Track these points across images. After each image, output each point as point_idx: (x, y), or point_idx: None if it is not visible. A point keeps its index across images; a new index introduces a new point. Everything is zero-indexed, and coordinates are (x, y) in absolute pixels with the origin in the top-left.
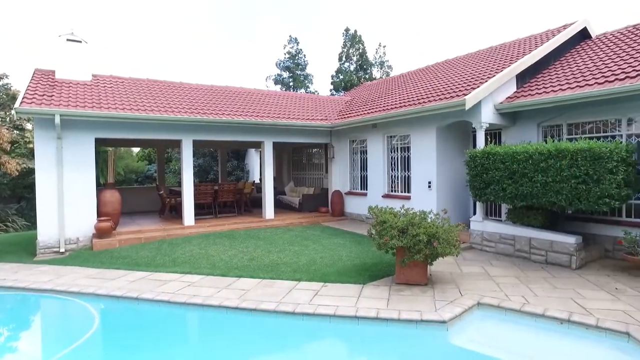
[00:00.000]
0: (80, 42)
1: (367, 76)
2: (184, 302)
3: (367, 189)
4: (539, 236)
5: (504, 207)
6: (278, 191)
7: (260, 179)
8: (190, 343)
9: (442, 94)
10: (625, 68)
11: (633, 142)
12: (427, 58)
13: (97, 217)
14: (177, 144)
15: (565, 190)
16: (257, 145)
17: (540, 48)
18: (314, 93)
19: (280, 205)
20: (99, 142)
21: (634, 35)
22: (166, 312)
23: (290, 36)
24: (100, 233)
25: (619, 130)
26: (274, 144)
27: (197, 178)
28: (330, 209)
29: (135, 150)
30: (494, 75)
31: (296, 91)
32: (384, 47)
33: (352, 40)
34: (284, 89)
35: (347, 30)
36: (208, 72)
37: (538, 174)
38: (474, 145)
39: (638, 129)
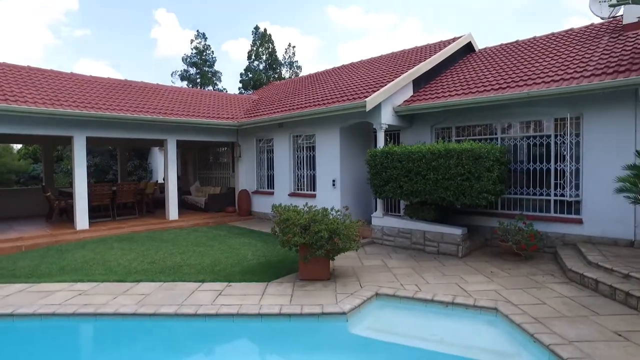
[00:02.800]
0: None
1: (276, 76)
2: (72, 313)
3: (274, 188)
4: (432, 229)
5: (402, 203)
6: (183, 191)
7: (164, 179)
8: (80, 357)
9: (346, 95)
10: (499, 80)
11: (506, 144)
12: (335, 60)
13: None
14: (68, 140)
15: (453, 187)
16: (160, 143)
17: (434, 57)
18: (222, 91)
19: (186, 206)
20: None
21: (506, 53)
22: (52, 326)
23: (197, 31)
24: None
25: (495, 134)
26: (179, 142)
27: (93, 178)
28: (238, 209)
29: (18, 146)
30: (393, 80)
31: (204, 88)
32: (294, 47)
33: (262, 39)
34: (191, 85)
35: (256, 28)
36: (105, 64)
37: (430, 172)
38: (375, 145)
39: (509, 132)
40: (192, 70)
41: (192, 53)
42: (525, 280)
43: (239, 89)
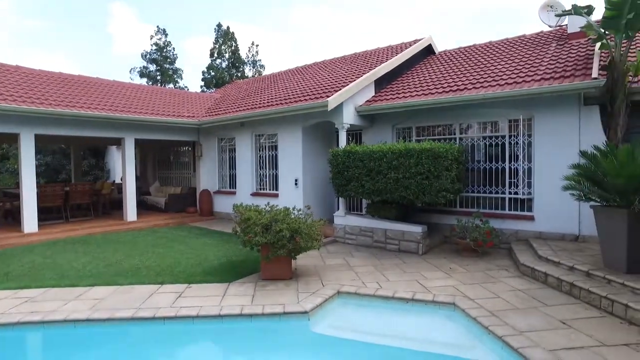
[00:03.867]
0: None
1: (239, 74)
2: (17, 322)
3: (236, 188)
4: (393, 227)
5: (365, 202)
6: (142, 192)
7: (122, 179)
8: None
9: (308, 94)
10: (457, 82)
11: (463, 144)
12: (298, 59)
13: None
14: (15, 138)
15: (413, 186)
16: (118, 142)
17: (395, 58)
18: (183, 89)
19: (145, 207)
20: None
21: (464, 56)
22: None
23: (157, 27)
24: None
25: (454, 134)
26: (137, 141)
27: (44, 178)
28: (199, 209)
29: None
30: (355, 80)
31: (164, 86)
32: (257, 46)
33: (225, 36)
34: (151, 82)
35: (219, 26)
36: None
37: (391, 171)
38: (337, 145)
39: (467, 133)
40: (152, 67)
41: (152, 49)
42: (481, 276)
43: (201, 87)
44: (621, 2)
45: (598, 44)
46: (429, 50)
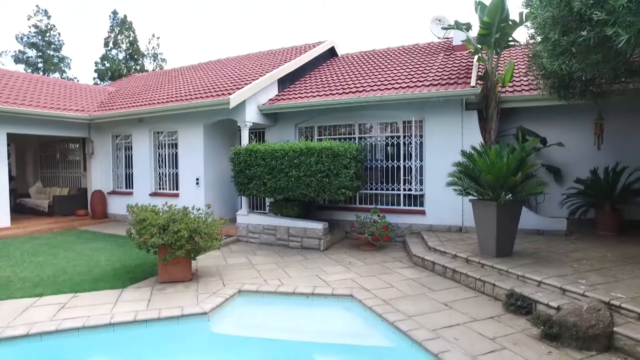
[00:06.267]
0: None
1: (138, 67)
2: None
3: (133, 188)
4: (296, 225)
5: (268, 201)
6: (20, 193)
7: None
8: None
9: (210, 91)
10: (357, 84)
11: (363, 143)
12: (202, 55)
13: None
14: None
15: (314, 183)
16: None
17: (299, 58)
18: (72, 80)
19: (24, 211)
20: None
21: (365, 59)
22: None
23: (37, 6)
24: None
25: (354, 134)
26: (12, 135)
27: None
28: (91, 211)
29: None
30: (258, 78)
31: (48, 75)
32: (158, 38)
33: (122, 25)
34: (30, 70)
35: (115, 13)
36: None
37: (292, 169)
38: (240, 143)
39: (367, 132)
40: (32, 53)
41: (30, 32)
42: (378, 268)
43: (94, 79)
44: (490, 23)
45: (476, 57)
46: (332, 53)
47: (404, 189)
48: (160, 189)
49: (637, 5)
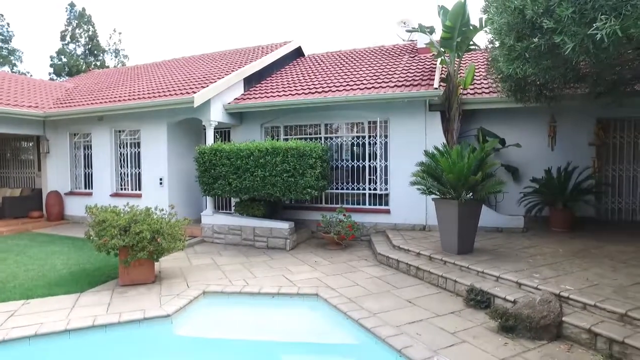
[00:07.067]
0: None
1: (98, 63)
2: None
3: (92, 188)
4: (262, 225)
5: (234, 201)
6: None
7: None
8: None
9: (174, 89)
10: (322, 84)
11: (329, 143)
12: (166, 52)
13: None
14: None
15: (280, 183)
16: None
17: (265, 57)
18: (24, 74)
19: None
20: None
21: (331, 60)
22: None
23: None
24: None
25: (320, 134)
26: None
27: None
28: (46, 213)
29: None
30: (223, 77)
31: None
32: (120, 33)
33: (80, 18)
34: None
35: (72, 5)
36: None
37: (258, 169)
38: (205, 143)
39: (333, 132)
40: None
41: None
42: (344, 266)
43: (50, 74)
44: (452, 27)
45: (439, 60)
46: (298, 53)
47: (370, 189)
48: (121, 189)
49: (580, 17)
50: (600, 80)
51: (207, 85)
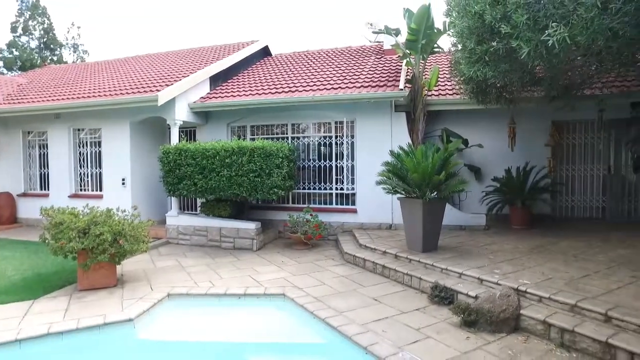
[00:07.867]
0: None
1: (55, 58)
2: None
3: (49, 189)
4: (228, 225)
5: (199, 201)
6: None
7: None
8: None
9: (137, 87)
10: (289, 84)
11: (296, 143)
12: (129, 49)
13: None
14: None
15: (246, 183)
16: None
17: (232, 56)
18: None
19: None
20: None
21: (298, 60)
22: None
23: None
24: None
25: (287, 133)
26: None
27: None
28: None
29: None
30: (189, 75)
31: None
32: (79, 28)
33: (33, 10)
34: None
35: None
36: None
37: (224, 168)
38: (170, 142)
39: (300, 132)
40: None
41: None
42: (310, 266)
43: (0, 68)
44: (417, 30)
45: (404, 61)
46: (265, 52)
47: (337, 188)
48: (81, 190)
49: (534, 23)
50: (554, 84)
51: (172, 84)
